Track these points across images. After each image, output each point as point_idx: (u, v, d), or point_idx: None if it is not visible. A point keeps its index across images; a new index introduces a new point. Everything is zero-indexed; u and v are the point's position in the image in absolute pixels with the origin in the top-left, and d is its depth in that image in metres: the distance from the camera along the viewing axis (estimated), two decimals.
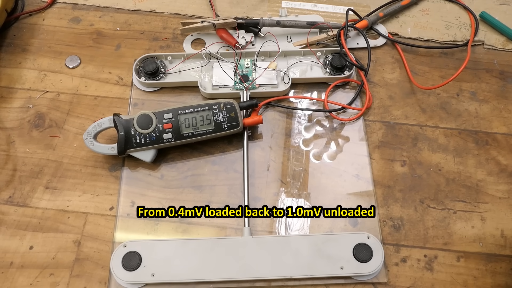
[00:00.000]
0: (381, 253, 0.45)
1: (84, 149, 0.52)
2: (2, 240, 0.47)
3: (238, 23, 0.60)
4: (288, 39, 0.62)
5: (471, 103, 0.57)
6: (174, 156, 0.52)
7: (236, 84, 0.56)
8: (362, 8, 0.66)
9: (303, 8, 0.66)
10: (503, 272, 0.46)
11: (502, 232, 0.48)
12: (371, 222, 0.48)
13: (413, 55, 0.61)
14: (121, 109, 0.55)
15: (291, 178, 0.51)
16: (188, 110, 0.50)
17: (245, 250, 0.45)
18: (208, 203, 0.49)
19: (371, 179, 0.51)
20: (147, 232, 0.48)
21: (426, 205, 0.50)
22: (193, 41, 0.62)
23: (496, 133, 0.55)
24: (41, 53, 0.60)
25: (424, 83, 0.59)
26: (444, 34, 0.63)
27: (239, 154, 0.53)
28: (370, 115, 0.56)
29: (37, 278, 0.45)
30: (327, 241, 0.45)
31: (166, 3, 0.65)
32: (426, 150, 0.53)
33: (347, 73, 0.57)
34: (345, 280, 0.45)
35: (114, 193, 0.50)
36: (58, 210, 0.49)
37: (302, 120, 0.55)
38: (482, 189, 0.51)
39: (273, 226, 0.48)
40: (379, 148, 0.53)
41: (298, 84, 0.58)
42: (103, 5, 0.65)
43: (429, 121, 0.55)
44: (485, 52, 0.62)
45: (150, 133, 0.49)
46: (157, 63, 0.56)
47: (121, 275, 0.43)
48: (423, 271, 0.46)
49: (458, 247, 0.47)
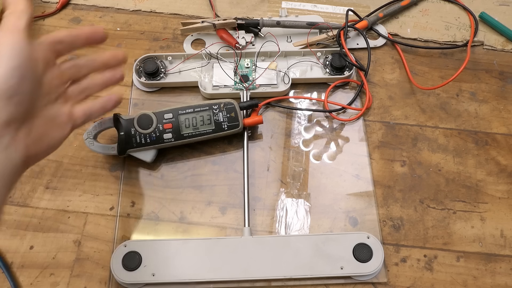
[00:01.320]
0: (381, 253, 0.45)
1: (84, 149, 0.52)
2: (3, 240, 0.47)
3: (238, 24, 0.60)
4: (288, 40, 0.62)
5: (471, 104, 0.57)
6: (174, 156, 0.52)
7: (236, 84, 0.56)
8: (362, 8, 0.66)
9: (303, 8, 0.66)
10: (502, 272, 0.46)
11: (502, 232, 0.48)
12: (371, 222, 0.48)
13: (413, 56, 0.61)
14: (121, 109, 0.55)
15: (291, 178, 0.51)
16: (188, 110, 0.50)
17: (245, 250, 0.45)
18: (208, 203, 0.50)
19: (371, 179, 0.51)
20: (147, 232, 0.48)
21: (426, 205, 0.50)
22: (193, 41, 0.62)
23: (496, 133, 0.55)
24: None
25: (424, 83, 0.59)
26: (443, 34, 0.63)
27: (239, 154, 0.53)
28: (370, 115, 0.56)
29: (37, 278, 0.45)
30: (327, 241, 0.45)
31: (166, 4, 0.65)
32: (426, 150, 0.53)
33: (347, 74, 0.57)
34: (345, 280, 0.45)
35: (114, 193, 0.50)
36: (59, 210, 0.49)
37: (302, 121, 0.55)
38: (482, 189, 0.51)
39: (273, 226, 0.48)
40: (379, 148, 0.53)
41: (298, 84, 0.58)
42: (103, 5, 0.65)
43: (429, 121, 0.55)
44: (485, 52, 0.62)
45: (150, 133, 0.49)
46: (157, 63, 0.56)
47: (121, 275, 0.43)
48: (423, 271, 0.46)
49: (458, 247, 0.47)
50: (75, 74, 0.41)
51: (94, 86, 0.42)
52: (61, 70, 0.39)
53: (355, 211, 0.49)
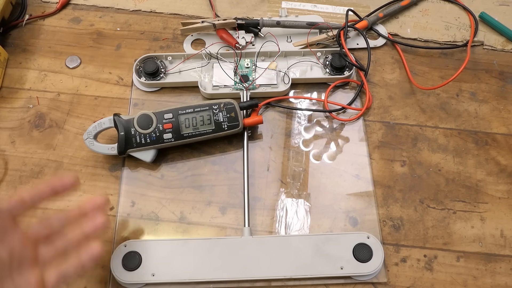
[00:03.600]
0: (381, 253, 0.45)
1: (84, 149, 0.52)
2: None
3: (238, 24, 0.60)
4: (288, 40, 0.62)
5: (471, 104, 0.57)
6: (174, 156, 0.52)
7: (236, 84, 0.56)
8: (362, 8, 0.66)
9: (303, 8, 0.66)
10: (502, 272, 0.46)
11: (502, 232, 0.48)
12: (371, 222, 0.48)
13: (412, 56, 0.61)
14: (121, 109, 0.55)
15: (291, 178, 0.51)
16: (188, 110, 0.50)
17: (245, 250, 0.45)
18: (208, 203, 0.50)
19: (371, 179, 0.51)
20: (147, 232, 0.48)
21: (426, 205, 0.50)
22: (193, 41, 0.62)
23: (496, 133, 0.55)
24: (41, 53, 0.60)
25: (424, 83, 0.59)
26: (443, 34, 0.63)
27: (239, 154, 0.53)
28: (370, 115, 0.56)
29: None
30: (327, 241, 0.45)
31: (166, 4, 0.65)
32: (426, 150, 0.53)
33: (347, 74, 0.57)
34: (345, 280, 0.45)
35: (114, 193, 0.50)
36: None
37: (302, 121, 0.55)
38: (482, 189, 0.51)
39: (273, 226, 0.48)
40: (379, 148, 0.53)
41: (298, 84, 0.58)
42: (103, 5, 0.65)
43: (428, 121, 0.55)
44: (485, 52, 0.62)
45: (150, 133, 0.49)
46: (157, 63, 0.56)
47: (121, 275, 0.43)
48: (423, 271, 0.46)
49: (457, 247, 0.47)
50: (45, 233, 0.36)
51: (72, 244, 0.37)
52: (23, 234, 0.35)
53: (355, 211, 0.49)
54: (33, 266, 0.34)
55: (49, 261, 0.36)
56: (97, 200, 0.39)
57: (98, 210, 0.39)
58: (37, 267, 0.35)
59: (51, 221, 0.37)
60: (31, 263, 0.34)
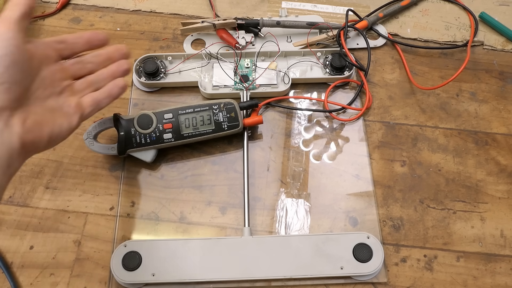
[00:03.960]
0: (381, 253, 0.45)
1: (84, 149, 0.52)
2: (3, 240, 0.47)
3: (238, 24, 0.60)
4: (288, 40, 0.62)
5: (471, 104, 0.57)
6: (174, 156, 0.52)
7: (236, 84, 0.56)
8: (362, 8, 0.66)
9: (303, 8, 0.66)
10: (502, 272, 0.46)
11: (502, 232, 0.48)
12: (371, 222, 0.48)
13: (412, 56, 0.61)
14: (121, 109, 0.55)
15: (291, 178, 0.51)
16: (188, 110, 0.50)
17: (245, 250, 0.45)
18: (208, 203, 0.50)
19: (371, 179, 0.51)
20: (147, 232, 0.48)
21: (426, 205, 0.50)
22: (193, 41, 0.62)
23: (496, 133, 0.55)
24: None
25: (424, 83, 0.59)
26: (443, 34, 0.63)
27: (239, 154, 0.53)
28: (370, 115, 0.56)
29: (37, 278, 0.45)
30: (327, 241, 0.45)
31: (166, 4, 0.65)
32: (426, 150, 0.53)
33: (347, 74, 0.57)
34: (345, 280, 0.45)
35: (114, 193, 0.50)
36: (58, 210, 0.49)
37: (302, 121, 0.55)
38: (482, 189, 0.51)
39: (273, 226, 0.48)
40: (379, 148, 0.53)
41: (298, 84, 0.58)
42: (103, 5, 0.65)
43: (428, 121, 0.55)
44: (485, 52, 0.62)
45: (150, 133, 0.49)
46: (157, 63, 0.56)
47: (121, 275, 0.43)
48: (423, 271, 0.46)
49: (457, 247, 0.47)
50: (80, 70, 0.43)
51: (100, 79, 0.44)
52: (63, 66, 0.41)
53: (355, 211, 0.49)
54: (71, 94, 0.41)
55: (84, 92, 0.42)
56: (122, 48, 0.45)
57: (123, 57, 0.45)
58: (74, 95, 0.41)
59: (83, 59, 0.43)
60: (70, 92, 0.41)
